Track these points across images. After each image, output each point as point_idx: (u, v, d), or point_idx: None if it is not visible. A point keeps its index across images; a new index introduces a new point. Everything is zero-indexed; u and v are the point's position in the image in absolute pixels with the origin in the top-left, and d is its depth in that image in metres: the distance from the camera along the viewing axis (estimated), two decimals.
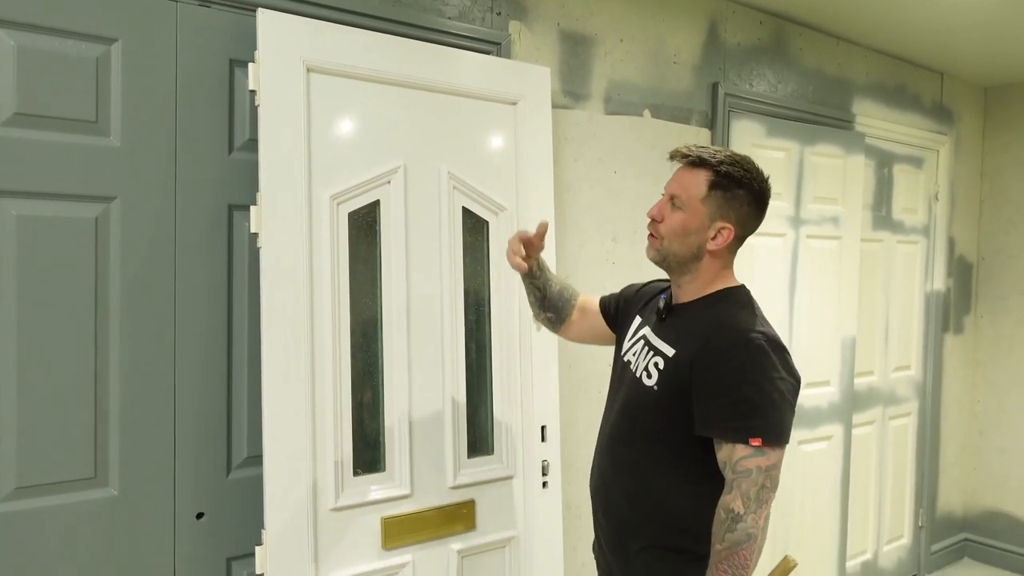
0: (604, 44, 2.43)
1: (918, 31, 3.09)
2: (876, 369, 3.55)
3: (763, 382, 1.29)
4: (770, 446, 1.27)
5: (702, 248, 1.41)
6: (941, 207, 3.78)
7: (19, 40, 1.53)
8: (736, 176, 1.39)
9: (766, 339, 1.32)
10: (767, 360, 1.30)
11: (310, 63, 1.76)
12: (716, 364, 1.32)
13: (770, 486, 1.29)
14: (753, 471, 1.27)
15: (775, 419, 1.29)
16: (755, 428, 1.27)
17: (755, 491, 1.27)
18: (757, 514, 1.27)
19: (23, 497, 1.55)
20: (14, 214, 1.53)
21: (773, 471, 1.29)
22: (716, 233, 1.40)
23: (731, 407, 1.30)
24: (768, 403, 1.28)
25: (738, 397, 1.29)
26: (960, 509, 4.06)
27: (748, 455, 1.27)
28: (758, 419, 1.28)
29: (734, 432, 1.29)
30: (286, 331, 1.71)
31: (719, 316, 1.39)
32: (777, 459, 1.29)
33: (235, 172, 1.78)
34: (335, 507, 1.78)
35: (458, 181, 2.00)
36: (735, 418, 1.29)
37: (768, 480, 1.28)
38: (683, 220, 1.41)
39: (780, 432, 1.29)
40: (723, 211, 1.40)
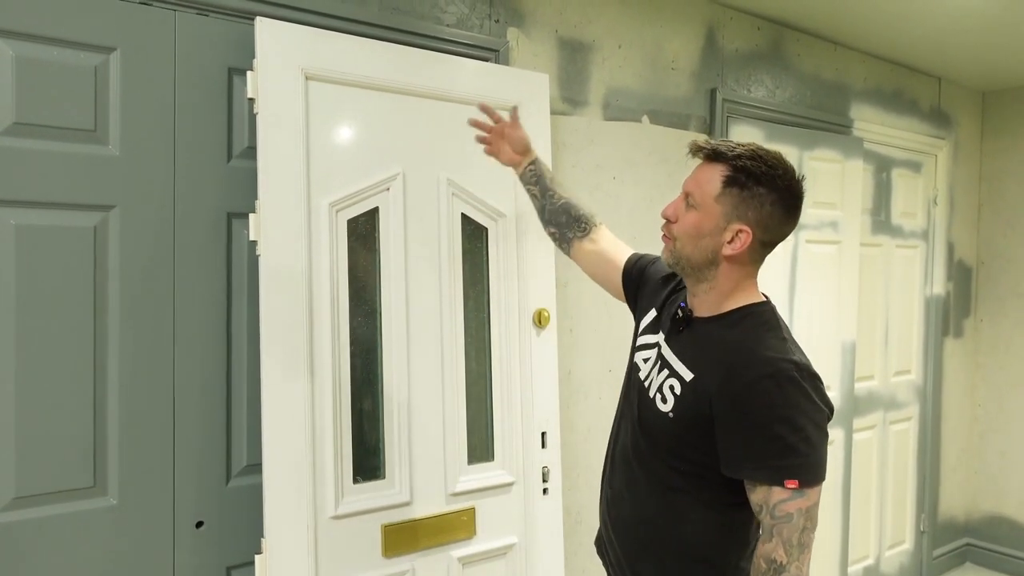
0: (602, 50, 2.44)
1: (916, 36, 3.10)
2: (876, 373, 3.55)
3: (797, 417, 1.15)
4: (809, 486, 1.15)
5: (717, 253, 1.25)
6: (940, 211, 3.79)
7: (18, 50, 1.53)
8: (755, 171, 1.22)
9: (797, 369, 1.18)
10: (800, 393, 1.16)
11: (308, 71, 1.76)
12: (743, 399, 1.18)
13: (811, 527, 1.17)
14: (794, 515, 1.15)
15: (812, 458, 1.16)
16: (791, 468, 1.15)
17: (797, 536, 1.15)
18: (801, 560, 1.16)
19: (22, 507, 1.55)
20: (13, 224, 1.53)
21: (813, 510, 1.17)
22: (733, 236, 1.24)
23: (763, 447, 1.17)
24: (803, 440, 1.15)
25: (771, 435, 1.16)
26: (962, 514, 4.05)
27: (786, 498, 1.15)
28: (794, 458, 1.15)
29: (768, 474, 1.16)
30: (285, 339, 1.71)
31: (743, 340, 1.24)
32: (817, 498, 1.17)
33: (234, 180, 1.79)
34: (335, 515, 1.78)
35: (457, 188, 2.00)
36: (768, 458, 1.16)
37: (809, 521, 1.16)
38: (696, 221, 1.26)
39: (818, 470, 1.17)
40: (740, 211, 1.23)
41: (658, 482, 1.32)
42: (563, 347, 2.32)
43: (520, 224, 2.09)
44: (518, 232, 2.09)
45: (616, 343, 2.48)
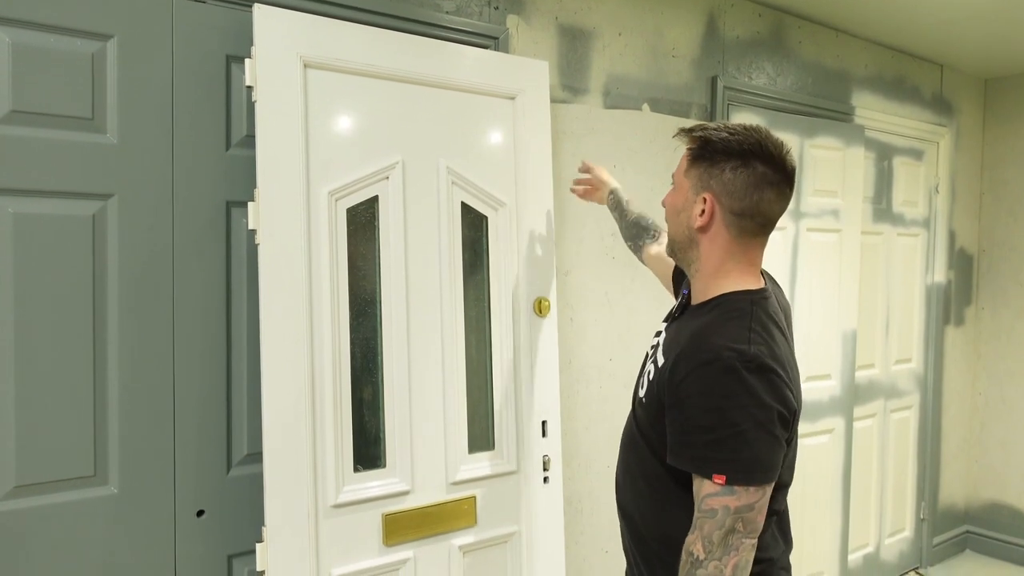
0: (602, 38, 2.42)
1: (917, 23, 3.08)
2: (877, 362, 3.55)
3: (730, 409, 1.09)
4: (740, 485, 1.08)
5: (692, 228, 1.25)
6: (941, 199, 3.78)
7: (14, 37, 1.52)
8: (715, 139, 1.21)
9: (742, 359, 1.10)
10: (737, 383, 1.09)
11: (307, 58, 1.75)
12: (683, 386, 1.15)
13: (743, 531, 1.09)
14: (719, 511, 1.09)
15: (745, 454, 1.09)
16: (718, 462, 1.09)
17: (719, 535, 1.09)
18: (722, 562, 1.09)
19: (23, 495, 1.55)
20: (11, 212, 1.53)
21: (747, 513, 1.09)
22: (702, 207, 1.23)
23: (694, 436, 1.13)
24: (734, 435, 1.08)
25: (701, 425, 1.11)
26: (962, 501, 4.06)
27: (713, 493, 1.10)
28: (723, 452, 1.09)
29: (697, 464, 1.12)
30: (285, 327, 1.71)
31: (703, 327, 1.20)
32: (751, 500, 1.09)
33: (233, 168, 1.78)
34: (336, 504, 1.78)
35: (457, 176, 1.99)
36: (698, 449, 1.12)
37: (741, 524, 1.09)
38: (673, 198, 1.30)
39: (751, 469, 1.09)
40: (704, 181, 1.23)
41: (642, 469, 1.31)
42: (564, 336, 2.32)
43: (520, 213, 2.09)
44: (518, 221, 2.09)
45: (617, 332, 2.48)
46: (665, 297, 2.60)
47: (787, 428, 1.15)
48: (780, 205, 1.23)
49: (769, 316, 1.21)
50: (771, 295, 1.28)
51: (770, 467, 1.11)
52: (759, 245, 1.26)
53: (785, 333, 1.26)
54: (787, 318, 1.35)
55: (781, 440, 1.13)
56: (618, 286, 2.48)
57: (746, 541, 1.10)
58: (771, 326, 1.20)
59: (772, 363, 1.12)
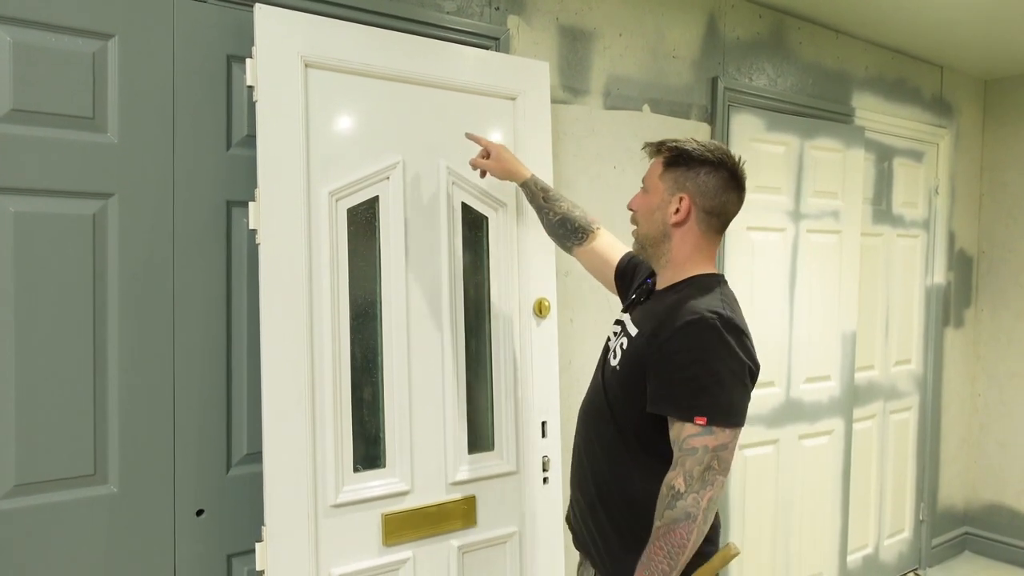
0: (603, 39, 2.42)
1: (918, 24, 3.08)
2: (876, 363, 3.55)
3: (712, 361, 1.28)
4: (718, 425, 1.26)
5: (667, 224, 1.44)
6: (941, 201, 3.78)
7: (15, 36, 1.52)
8: (688, 150, 1.42)
9: (720, 319, 1.30)
10: (718, 339, 1.29)
11: (308, 58, 1.75)
12: (668, 343, 1.32)
13: (718, 468, 1.27)
14: (699, 450, 1.26)
15: (723, 399, 1.27)
16: (701, 407, 1.27)
17: (699, 470, 1.26)
18: (699, 494, 1.26)
19: (22, 494, 1.55)
20: (11, 211, 1.53)
21: (722, 452, 1.27)
22: (677, 205, 1.42)
23: (680, 386, 1.29)
24: (715, 382, 1.27)
25: (687, 375, 1.29)
26: (961, 503, 4.07)
27: (695, 433, 1.27)
28: (705, 398, 1.27)
29: (681, 410, 1.29)
30: (285, 328, 1.71)
31: (681, 299, 1.37)
32: (726, 440, 1.27)
33: (233, 168, 1.78)
34: (335, 503, 1.78)
35: (457, 177, 1.99)
36: (682, 396, 1.29)
37: (716, 461, 1.27)
38: (648, 199, 1.48)
39: (728, 412, 1.28)
40: (679, 183, 1.43)
41: (607, 437, 1.45)
42: (563, 337, 2.32)
43: (521, 213, 2.09)
44: (519, 221, 2.09)
45: None
46: None
47: (752, 382, 1.34)
48: (738, 207, 1.47)
49: (732, 295, 1.43)
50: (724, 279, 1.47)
51: (742, 412, 1.31)
52: (718, 242, 1.48)
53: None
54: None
55: (749, 391, 1.34)
56: None
57: (719, 478, 1.27)
58: (735, 303, 1.40)
59: (741, 325, 1.33)
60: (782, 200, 2.96)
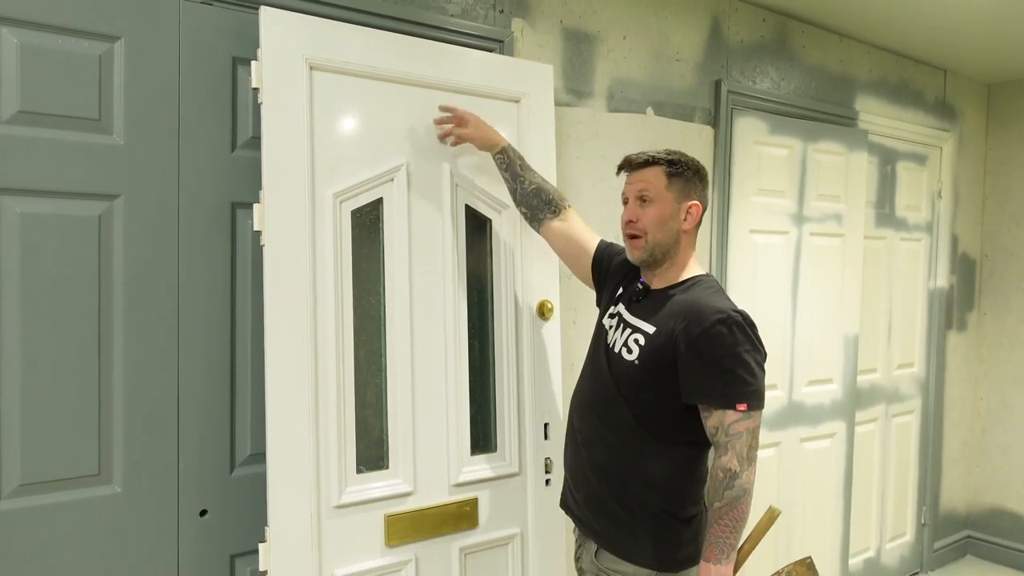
0: (607, 41, 2.43)
1: (921, 28, 3.08)
2: (879, 366, 3.55)
3: (743, 354, 1.46)
4: (754, 410, 1.45)
5: (679, 231, 1.59)
6: (944, 204, 3.78)
7: (22, 38, 1.53)
8: (683, 162, 1.60)
9: (742, 317, 1.48)
10: (745, 335, 1.47)
11: (313, 61, 1.76)
12: (701, 341, 1.47)
13: (755, 445, 1.47)
14: (744, 433, 1.45)
15: (755, 386, 1.46)
16: (741, 395, 1.45)
17: (746, 451, 1.45)
18: (749, 471, 1.46)
19: (27, 494, 1.56)
20: (18, 212, 1.54)
21: (757, 432, 1.48)
22: (686, 213, 1.59)
23: (718, 378, 1.46)
24: (749, 372, 1.46)
25: (724, 368, 1.46)
26: (963, 506, 4.06)
27: (737, 419, 1.45)
28: (743, 387, 1.45)
29: (723, 399, 1.46)
30: (289, 329, 1.72)
31: (698, 298, 1.54)
32: (759, 421, 1.48)
33: (238, 170, 1.79)
34: (338, 504, 1.78)
35: (461, 179, 2.00)
36: (722, 387, 1.46)
37: (754, 440, 1.47)
38: (658, 210, 1.58)
39: (760, 397, 1.47)
40: (686, 192, 1.59)
41: (621, 424, 1.59)
42: (566, 338, 2.32)
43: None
44: (522, 223, 2.09)
45: None
46: None
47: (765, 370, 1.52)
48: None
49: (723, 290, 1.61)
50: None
51: (764, 393, 1.49)
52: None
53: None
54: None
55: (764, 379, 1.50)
56: None
57: (757, 454, 1.49)
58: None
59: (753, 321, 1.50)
60: (785, 203, 2.96)
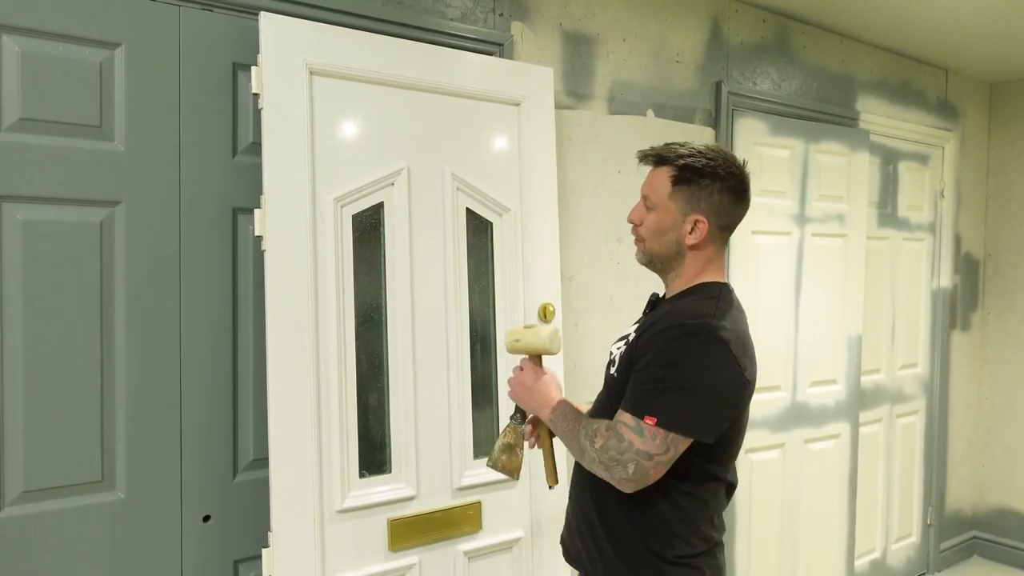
0: (607, 44, 2.43)
1: (922, 28, 3.08)
2: (883, 367, 3.54)
3: (677, 367, 1.23)
4: (661, 429, 1.21)
5: (682, 244, 1.37)
6: (947, 204, 3.77)
7: (24, 45, 1.54)
8: (698, 167, 1.34)
9: (703, 328, 1.24)
10: (697, 349, 1.24)
11: (313, 66, 1.76)
12: (646, 343, 1.29)
13: (630, 473, 1.22)
14: (625, 440, 1.23)
15: (677, 406, 1.22)
16: (651, 407, 1.22)
17: (612, 455, 1.24)
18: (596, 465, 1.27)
19: (30, 501, 1.56)
20: (19, 218, 1.54)
21: (645, 461, 1.22)
22: (692, 227, 1.35)
23: (641, 383, 1.26)
24: (675, 388, 1.23)
25: (649, 376, 1.25)
26: (969, 507, 4.05)
27: (630, 426, 1.23)
28: (657, 399, 1.22)
29: (634, 405, 1.25)
30: (291, 333, 1.72)
31: (683, 303, 1.34)
32: (655, 450, 1.21)
33: (239, 175, 1.79)
34: (341, 509, 1.78)
35: (462, 182, 2.00)
36: (640, 393, 1.25)
37: (633, 465, 1.22)
38: (657, 219, 1.38)
39: (677, 419, 1.21)
40: (693, 204, 1.35)
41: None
42: (568, 341, 2.32)
43: (525, 218, 2.09)
44: (523, 226, 2.09)
45: None
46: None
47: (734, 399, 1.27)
48: (747, 207, 1.41)
49: (733, 303, 1.35)
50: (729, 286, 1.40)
51: (699, 426, 1.24)
52: (727, 241, 1.43)
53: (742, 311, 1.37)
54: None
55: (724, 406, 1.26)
56: (622, 291, 2.48)
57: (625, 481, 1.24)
58: (735, 311, 1.33)
59: (728, 336, 1.25)
60: (787, 204, 2.95)
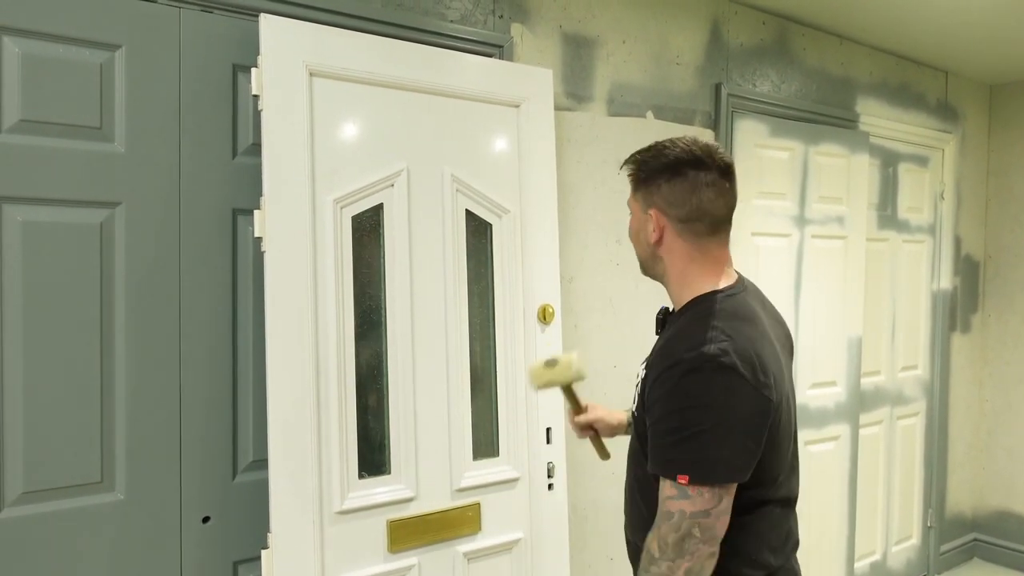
0: (606, 46, 2.43)
1: (922, 29, 3.08)
2: (883, 369, 3.54)
3: (690, 410, 1.12)
4: (699, 485, 1.10)
5: (650, 244, 1.30)
6: (947, 206, 3.77)
7: (24, 47, 1.54)
8: (645, 161, 1.28)
9: (700, 359, 1.13)
10: (698, 383, 1.13)
11: (313, 67, 1.76)
12: (651, 389, 1.20)
13: (700, 537, 1.11)
14: (675, 515, 1.12)
15: (708, 452, 1.11)
16: (679, 463, 1.12)
17: (674, 537, 1.12)
18: (675, 563, 1.11)
19: (30, 502, 1.56)
20: (20, 220, 1.54)
21: (704, 519, 1.11)
22: (652, 224, 1.28)
23: (660, 439, 1.16)
24: (695, 435, 1.11)
25: (665, 428, 1.15)
26: (969, 509, 4.04)
27: (673, 496, 1.13)
28: (684, 453, 1.12)
29: (660, 466, 1.16)
30: (291, 335, 1.72)
31: (674, 332, 1.26)
32: (708, 505, 1.11)
33: (239, 176, 1.79)
34: (341, 510, 1.78)
35: (461, 184, 2.00)
36: (662, 450, 1.16)
37: (698, 529, 1.11)
38: (631, 224, 1.36)
39: (714, 468, 1.11)
40: (647, 200, 1.29)
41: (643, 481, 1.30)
42: (568, 343, 2.32)
43: (525, 220, 2.09)
44: (523, 228, 2.09)
45: (621, 339, 2.48)
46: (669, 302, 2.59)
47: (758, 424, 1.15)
48: (723, 200, 1.27)
49: (735, 312, 1.22)
50: (742, 291, 1.29)
51: (735, 467, 1.13)
52: (717, 244, 1.29)
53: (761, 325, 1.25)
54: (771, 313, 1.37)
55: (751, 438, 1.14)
56: (622, 292, 2.48)
57: (703, 548, 1.12)
58: (738, 322, 1.20)
59: (733, 360, 1.13)
60: (787, 206, 2.96)
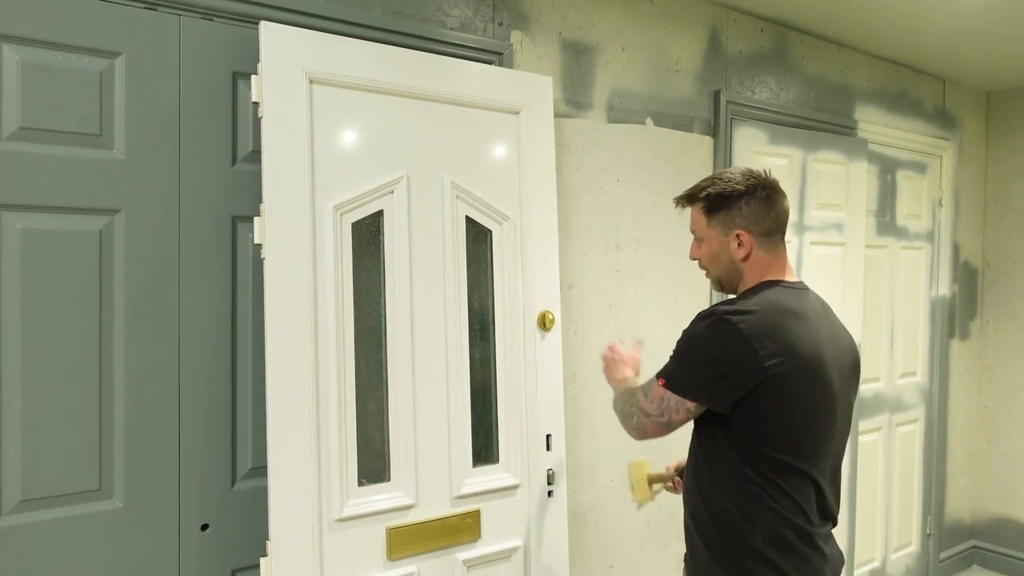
0: (606, 53, 2.44)
1: (920, 37, 3.09)
2: (882, 375, 3.54)
3: (689, 342, 1.47)
4: (668, 388, 1.47)
5: (735, 260, 1.55)
6: (945, 212, 3.78)
7: (24, 55, 1.54)
8: (720, 191, 1.54)
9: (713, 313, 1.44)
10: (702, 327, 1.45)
11: (313, 75, 1.77)
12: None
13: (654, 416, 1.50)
14: (655, 399, 1.49)
15: (680, 371, 1.47)
16: (664, 371, 1.49)
17: (645, 404, 1.51)
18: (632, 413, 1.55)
19: (28, 510, 1.55)
20: (19, 227, 1.54)
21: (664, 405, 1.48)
22: (738, 242, 1.53)
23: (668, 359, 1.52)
24: (682, 359, 1.48)
25: (673, 351, 1.51)
26: (968, 516, 4.04)
27: (655, 387, 1.50)
28: (670, 366, 1.49)
29: (660, 370, 1.51)
30: (290, 342, 1.72)
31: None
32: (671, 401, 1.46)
33: (238, 183, 1.79)
34: (340, 517, 1.78)
35: (461, 191, 2.00)
36: (666, 363, 1.51)
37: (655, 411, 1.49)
38: (708, 248, 1.58)
39: (676, 381, 1.46)
40: (728, 223, 1.54)
41: (701, 446, 1.54)
42: (568, 349, 2.32)
43: (524, 226, 2.09)
44: (523, 234, 2.09)
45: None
46: (668, 309, 2.60)
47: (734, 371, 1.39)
48: (785, 207, 1.57)
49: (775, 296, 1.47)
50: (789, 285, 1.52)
51: (692, 388, 1.45)
52: (780, 243, 1.57)
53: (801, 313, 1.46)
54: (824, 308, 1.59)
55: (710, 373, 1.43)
56: (621, 298, 2.48)
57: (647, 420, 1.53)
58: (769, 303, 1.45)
59: (736, 320, 1.40)
60: None
